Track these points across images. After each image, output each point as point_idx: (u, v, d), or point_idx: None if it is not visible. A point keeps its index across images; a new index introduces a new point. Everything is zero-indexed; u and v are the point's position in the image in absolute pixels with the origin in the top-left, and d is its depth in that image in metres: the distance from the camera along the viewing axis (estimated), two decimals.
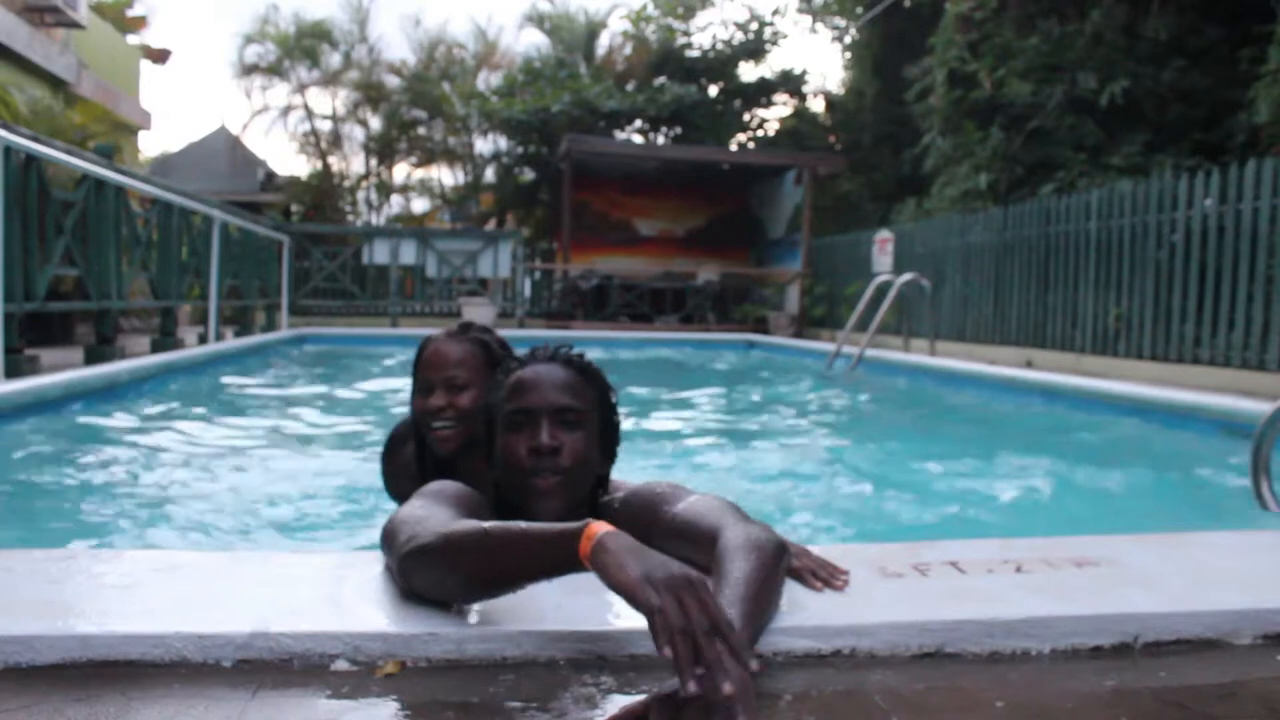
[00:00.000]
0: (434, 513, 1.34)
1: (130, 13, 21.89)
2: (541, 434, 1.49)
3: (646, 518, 1.54)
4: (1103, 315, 8.53)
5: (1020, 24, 11.47)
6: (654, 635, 1.00)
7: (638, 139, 18.44)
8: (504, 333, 2.36)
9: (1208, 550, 1.67)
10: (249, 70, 21.03)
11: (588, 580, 1.37)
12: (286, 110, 21.37)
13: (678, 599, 1.01)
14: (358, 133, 21.69)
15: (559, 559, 1.13)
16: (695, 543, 1.40)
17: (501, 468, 1.56)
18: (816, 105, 19.45)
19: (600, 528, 1.11)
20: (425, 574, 1.25)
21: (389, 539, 1.34)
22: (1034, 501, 3.44)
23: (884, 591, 1.37)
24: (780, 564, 1.28)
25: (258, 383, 7.03)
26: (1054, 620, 1.28)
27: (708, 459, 4.32)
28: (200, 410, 5.32)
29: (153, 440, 4.27)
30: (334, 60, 21.32)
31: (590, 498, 1.61)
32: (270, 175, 22.58)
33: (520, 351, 1.71)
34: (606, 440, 1.61)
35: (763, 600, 1.20)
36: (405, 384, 2.52)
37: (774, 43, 19.13)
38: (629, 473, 1.86)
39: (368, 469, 3.73)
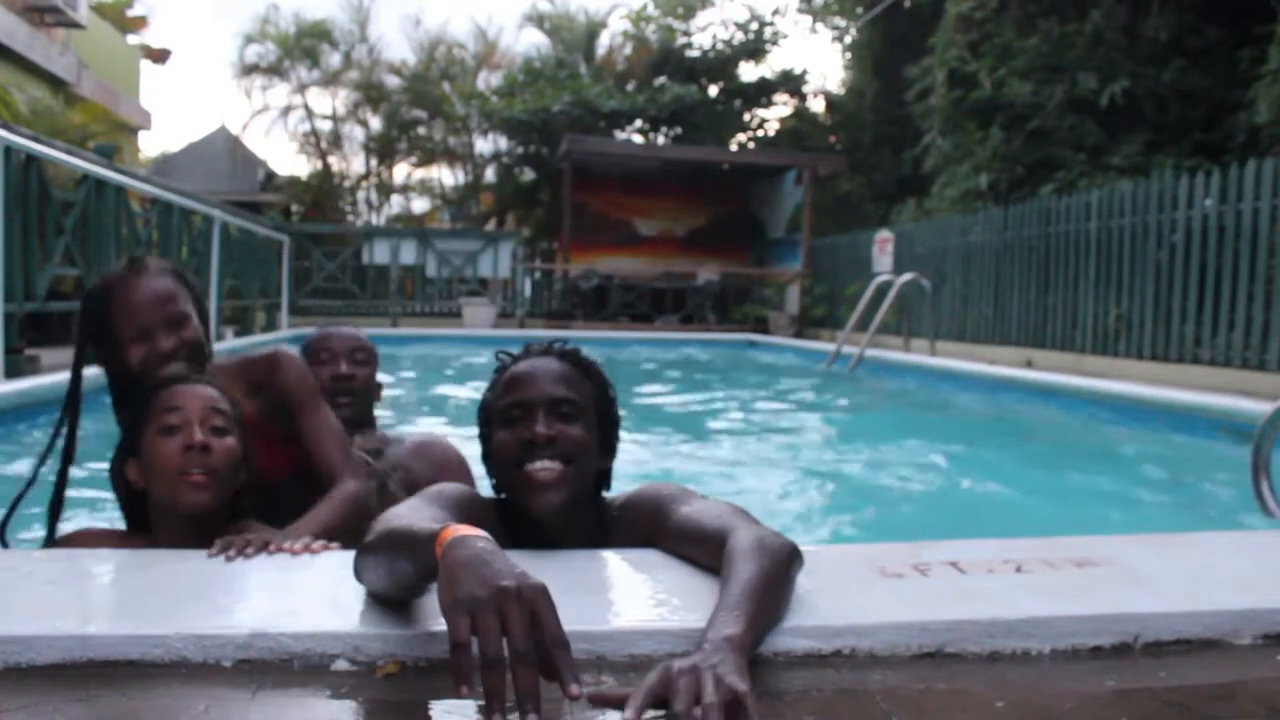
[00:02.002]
0: (422, 514, 1.29)
1: (130, 13, 21.92)
2: (537, 425, 1.45)
3: (651, 519, 1.52)
4: (1103, 315, 8.52)
5: (1020, 24, 11.47)
6: (451, 670, 0.93)
7: (638, 139, 18.44)
8: (504, 333, 2.46)
9: (1208, 550, 1.67)
10: (249, 70, 21.04)
11: (587, 580, 1.38)
12: (286, 110, 21.38)
13: (501, 617, 0.94)
14: (358, 133, 21.70)
15: (428, 562, 1.07)
16: (702, 545, 1.38)
17: (495, 467, 1.52)
18: (816, 105, 19.45)
19: (453, 532, 1.04)
20: (362, 572, 1.26)
21: (368, 537, 1.28)
22: (1034, 501, 3.44)
23: (884, 591, 1.37)
24: (791, 567, 1.26)
25: None
26: (1054, 620, 1.28)
27: (707, 459, 4.32)
28: None
29: None
30: (334, 60, 21.33)
31: (593, 496, 1.58)
32: (270, 175, 22.58)
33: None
34: (605, 435, 1.57)
35: (768, 602, 1.18)
36: (404, 384, 2.52)
37: (774, 43, 19.14)
38: (628, 471, 1.86)
39: None
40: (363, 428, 2.30)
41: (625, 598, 1.34)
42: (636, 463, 4.00)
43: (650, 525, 1.51)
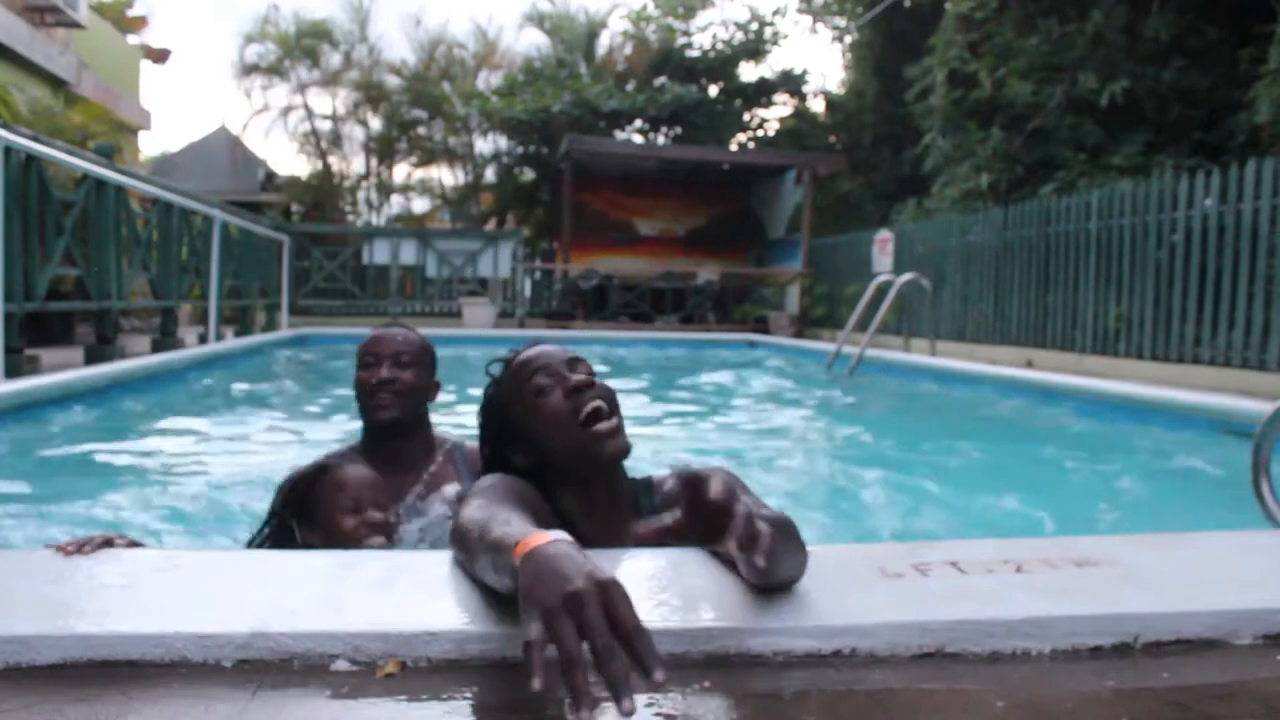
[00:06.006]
0: (494, 514, 1.33)
1: (130, 13, 21.92)
2: (574, 375, 1.56)
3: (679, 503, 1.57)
4: (1103, 315, 8.53)
5: (1020, 24, 11.47)
6: (528, 669, 0.94)
7: (638, 139, 18.44)
8: (504, 333, 2.48)
9: (1208, 550, 1.67)
10: (249, 70, 21.01)
11: None
12: (286, 110, 21.36)
13: (576, 620, 0.95)
14: (358, 133, 21.69)
15: (503, 567, 1.11)
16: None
17: (550, 433, 1.57)
18: (816, 105, 19.45)
19: (525, 545, 1.06)
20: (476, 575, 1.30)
21: (462, 543, 1.34)
22: (1034, 501, 3.44)
23: (884, 591, 1.37)
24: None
25: (258, 382, 7.03)
26: (1054, 620, 1.28)
27: (708, 459, 4.31)
28: (200, 410, 5.33)
29: (153, 440, 4.28)
30: (334, 60, 21.32)
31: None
32: (270, 175, 22.58)
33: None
34: None
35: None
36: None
37: (774, 43, 19.14)
38: (633, 469, 1.87)
39: None
40: (412, 429, 2.30)
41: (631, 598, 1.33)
42: (636, 461, 3.99)
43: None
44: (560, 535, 1.07)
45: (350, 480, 1.97)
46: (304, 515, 1.96)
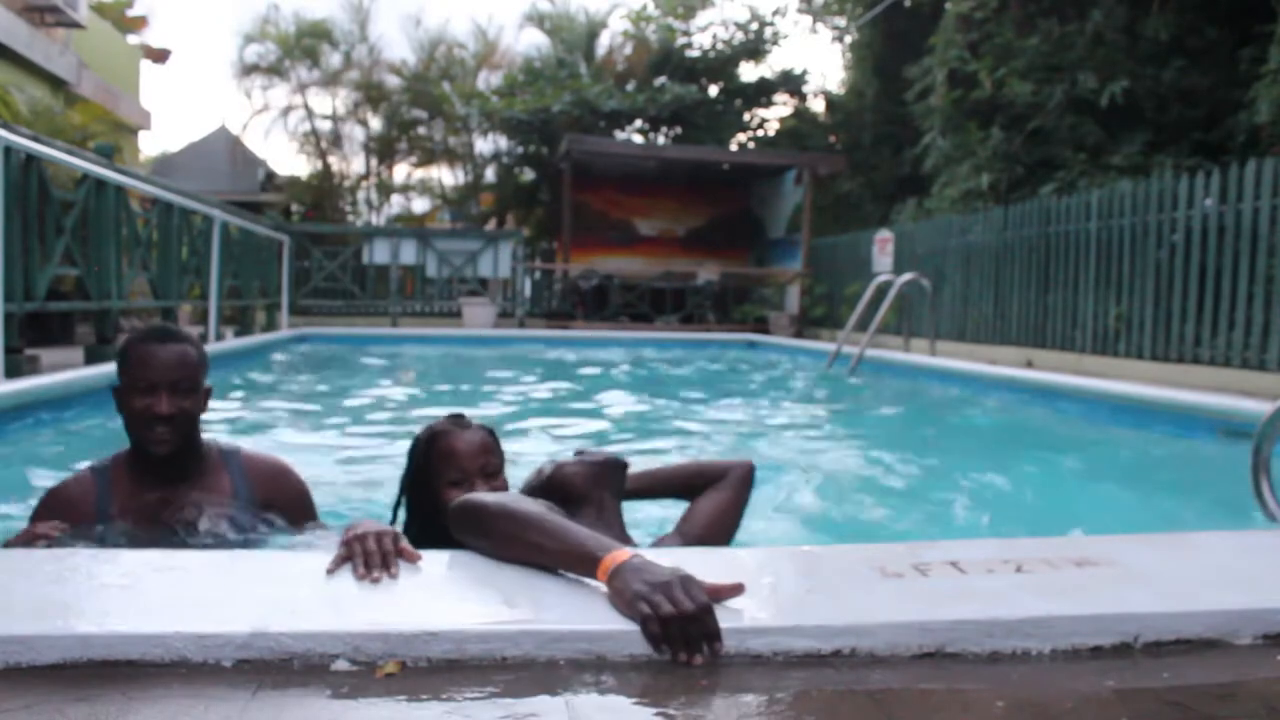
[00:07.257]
0: (554, 519, 1.49)
1: (130, 13, 21.91)
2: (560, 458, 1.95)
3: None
4: (1103, 315, 8.52)
5: (1020, 24, 11.46)
6: (648, 640, 1.21)
7: (638, 139, 18.42)
8: (504, 333, 2.44)
9: (1208, 550, 1.68)
10: (249, 70, 21.02)
11: (592, 582, 1.38)
12: (286, 110, 21.36)
13: (668, 598, 1.23)
14: (358, 133, 21.69)
15: (585, 573, 1.37)
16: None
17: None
18: (816, 105, 19.44)
19: (612, 561, 1.32)
20: (474, 529, 1.50)
21: (502, 521, 1.48)
22: (1034, 501, 3.44)
23: (884, 591, 1.37)
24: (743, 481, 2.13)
25: (257, 382, 7.03)
26: (1054, 620, 1.28)
27: (708, 459, 4.30)
28: None
29: None
30: (334, 60, 21.31)
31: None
32: (270, 175, 22.58)
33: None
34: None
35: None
36: (402, 382, 2.51)
37: (774, 43, 19.12)
38: (634, 469, 1.90)
39: (366, 468, 3.74)
40: (189, 449, 2.05)
41: None
42: (641, 463, 3.99)
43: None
44: (634, 550, 1.36)
45: (458, 450, 1.90)
46: (425, 481, 1.92)
